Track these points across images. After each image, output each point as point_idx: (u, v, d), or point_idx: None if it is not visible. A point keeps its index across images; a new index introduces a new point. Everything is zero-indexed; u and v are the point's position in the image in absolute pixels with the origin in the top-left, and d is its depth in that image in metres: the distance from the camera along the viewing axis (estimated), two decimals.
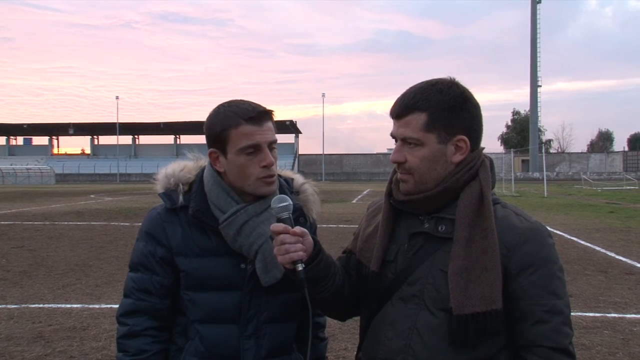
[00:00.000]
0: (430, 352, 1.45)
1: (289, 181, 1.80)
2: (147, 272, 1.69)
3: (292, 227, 1.48)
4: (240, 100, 1.67)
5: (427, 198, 1.51)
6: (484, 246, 1.43)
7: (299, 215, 1.69)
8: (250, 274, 1.67)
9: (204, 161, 1.79)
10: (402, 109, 1.50)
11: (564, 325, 1.43)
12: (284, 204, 1.52)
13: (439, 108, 1.47)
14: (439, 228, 1.51)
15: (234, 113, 1.61)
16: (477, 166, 1.52)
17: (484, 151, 1.59)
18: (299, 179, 1.84)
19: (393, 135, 1.54)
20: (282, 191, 1.71)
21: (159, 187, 1.74)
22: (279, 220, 1.51)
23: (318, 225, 1.89)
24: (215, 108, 1.67)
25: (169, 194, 1.71)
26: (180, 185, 1.71)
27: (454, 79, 1.53)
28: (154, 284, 1.68)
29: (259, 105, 1.65)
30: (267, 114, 1.64)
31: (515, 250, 1.45)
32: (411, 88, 1.53)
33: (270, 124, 1.65)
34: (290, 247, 1.46)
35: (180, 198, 1.69)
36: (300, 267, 1.47)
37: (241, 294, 1.67)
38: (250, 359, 1.67)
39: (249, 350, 1.67)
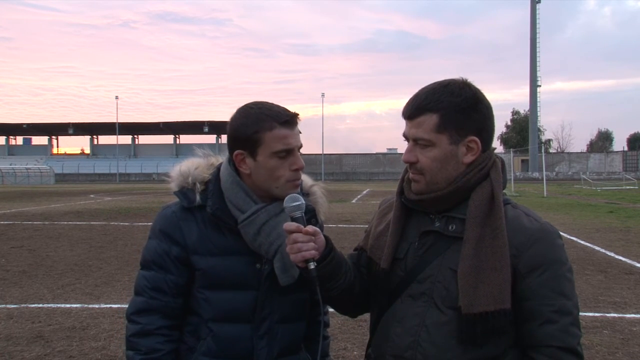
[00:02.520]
0: (438, 349, 1.46)
1: None
2: (161, 270, 1.68)
3: (305, 226, 1.50)
4: (267, 102, 1.67)
5: (438, 198, 1.52)
6: (493, 246, 1.44)
7: (311, 217, 1.70)
8: (266, 274, 1.67)
9: (215, 159, 1.80)
10: (414, 110, 1.52)
11: (572, 326, 1.44)
12: (297, 203, 1.54)
13: (450, 109, 1.48)
14: (450, 227, 1.52)
15: (267, 116, 1.61)
16: (488, 166, 1.53)
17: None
18: (308, 180, 1.85)
19: (405, 136, 1.55)
20: None
21: (174, 186, 1.73)
22: (292, 219, 1.53)
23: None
24: (243, 109, 1.66)
25: (185, 193, 1.70)
26: (197, 184, 1.71)
27: (466, 80, 1.53)
28: (168, 283, 1.68)
29: (288, 109, 1.65)
30: (297, 117, 1.65)
31: (524, 250, 1.45)
32: (423, 89, 1.54)
33: (298, 128, 1.66)
34: (303, 245, 1.48)
35: (198, 197, 1.69)
36: (312, 265, 1.49)
37: (256, 293, 1.67)
38: (263, 359, 1.67)
39: (262, 350, 1.68)
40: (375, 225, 1.71)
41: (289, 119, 1.62)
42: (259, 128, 1.60)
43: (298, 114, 1.66)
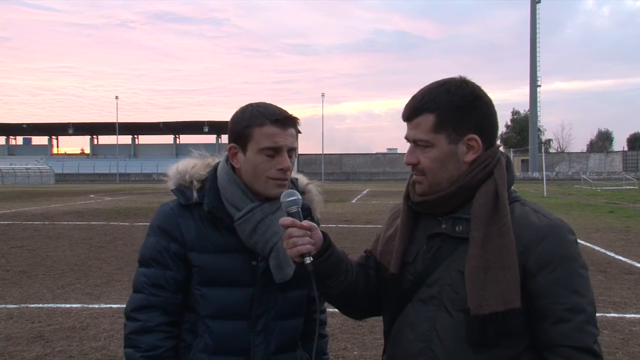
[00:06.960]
0: (450, 354, 1.44)
1: (294, 181, 1.81)
2: (160, 267, 1.69)
3: (301, 221, 1.50)
4: (270, 104, 1.70)
5: (442, 198, 1.51)
6: (500, 245, 1.41)
7: (307, 215, 1.71)
8: (262, 271, 1.68)
9: (211, 159, 1.82)
10: (411, 111, 1.51)
11: (588, 324, 1.39)
12: (293, 198, 1.54)
13: (447, 108, 1.47)
14: (456, 228, 1.50)
15: (261, 113, 1.65)
16: (492, 164, 1.50)
17: None
18: (303, 179, 1.87)
19: (406, 138, 1.55)
20: None
21: (171, 184, 1.76)
22: (288, 214, 1.53)
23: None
24: (243, 107, 1.71)
25: (182, 190, 1.73)
26: (194, 182, 1.73)
27: (465, 78, 1.52)
28: (168, 279, 1.68)
29: (287, 111, 1.68)
30: (293, 120, 1.67)
31: (532, 248, 1.42)
32: (420, 90, 1.54)
33: (293, 131, 1.67)
34: (298, 240, 1.47)
35: (195, 194, 1.71)
36: (308, 260, 1.48)
37: (252, 290, 1.69)
38: (260, 355, 1.69)
39: (259, 346, 1.69)
40: (385, 230, 1.70)
41: (281, 119, 1.64)
42: (250, 123, 1.64)
43: (295, 118, 1.67)
